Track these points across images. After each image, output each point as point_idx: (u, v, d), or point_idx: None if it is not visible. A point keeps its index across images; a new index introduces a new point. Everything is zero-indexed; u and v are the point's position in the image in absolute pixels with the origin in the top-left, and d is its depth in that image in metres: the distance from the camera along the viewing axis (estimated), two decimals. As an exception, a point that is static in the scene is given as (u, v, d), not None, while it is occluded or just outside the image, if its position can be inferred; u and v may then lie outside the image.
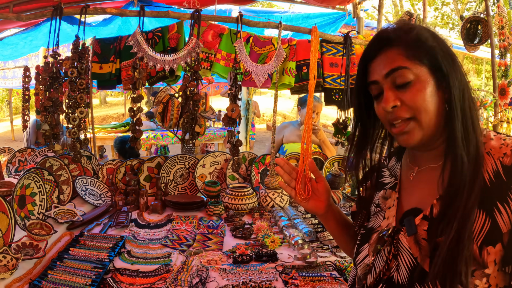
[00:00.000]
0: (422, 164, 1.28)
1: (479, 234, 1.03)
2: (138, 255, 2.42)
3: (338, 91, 3.90)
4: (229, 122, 3.38)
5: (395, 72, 1.16)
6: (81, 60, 3.26)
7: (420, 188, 1.26)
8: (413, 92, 1.15)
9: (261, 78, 3.54)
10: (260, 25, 3.70)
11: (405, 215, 1.24)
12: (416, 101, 1.14)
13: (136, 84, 3.19)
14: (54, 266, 2.16)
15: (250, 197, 3.28)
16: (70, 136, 3.20)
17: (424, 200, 1.21)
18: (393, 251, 1.22)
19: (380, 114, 1.25)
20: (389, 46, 1.19)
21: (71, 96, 3.23)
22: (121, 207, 3.23)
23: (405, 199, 1.30)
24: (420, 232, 1.15)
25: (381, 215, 1.36)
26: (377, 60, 1.22)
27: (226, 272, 2.23)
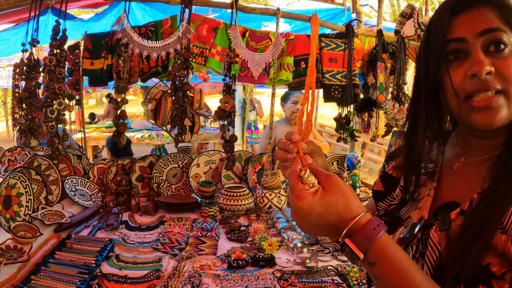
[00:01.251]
0: (472, 154, 1.12)
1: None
2: (127, 259, 2.31)
3: (338, 87, 3.78)
4: (223, 116, 3.22)
5: (492, 32, 0.97)
6: (61, 47, 3.10)
7: (464, 181, 1.10)
8: (510, 61, 0.97)
9: (257, 68, 3.38)
10: (257, 11, 3.55)
11: (440, 208, 1.09)
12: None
13: (121, 73, 3.03)
14: (38, 271, 2.07)
15: (246, 197, 3.15)
16: (47, 130, 3.04)
17: (465, 194, 1.05)
18: (420, 249, 1.07)
19: (458, 83, 1.02)
20: (484, 3, 1.00)
21: (49, 86, 3.06)
22: (111, 208, 3.12)
23: (444, 191, 1.14)
24: (453, 227, 1.00)
25: (413, 204, 1.19)
26: (468, 15, 1.01)
27: (220, 278, 2.11)
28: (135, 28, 3.35)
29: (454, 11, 1.03)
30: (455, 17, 1.03)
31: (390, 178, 1.35)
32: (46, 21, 4.66)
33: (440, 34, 1.04)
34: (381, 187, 1.36)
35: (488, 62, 0.96)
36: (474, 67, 0.97)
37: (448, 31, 1.03)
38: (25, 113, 3.07)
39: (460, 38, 1.01)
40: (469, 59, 1.00)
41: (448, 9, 1.04)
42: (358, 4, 4.87)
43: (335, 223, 0.91)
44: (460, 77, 1.01)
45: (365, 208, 0.92)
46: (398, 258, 0.87)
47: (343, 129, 3.74)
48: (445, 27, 1.03)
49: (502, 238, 0.89)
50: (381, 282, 0.89)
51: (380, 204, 1.34)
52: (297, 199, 0.91)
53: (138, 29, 3.40)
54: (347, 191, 0.91)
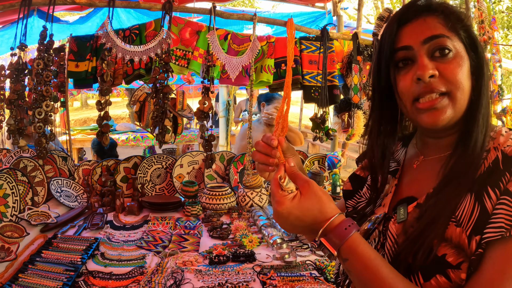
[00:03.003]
0: (429, 154, 1.20)
1: (468, 222, 0.97)
2: (112, 257, 2.36)
3: (318, 89, 3.86)
4: (202, 116, 3.30)
5: (436, 39, 1.05)
6: (48, 51, 3.15)
7: (422, 177, 1.19)
8: (454, 65, 1.05)
9: (235, 71, 3.46)
10: (234, 17, 3.63)
11: (400, 203, 1.18)
12: (456, 75, 1.04)
13: (104, 76, 3.09)
14: (25, 269, 2.10)
15: (228, 196, 3.22)
16: (35, 130, 3.09)
17: (422, 189, 1.14)
18: (382, 240, 1.15)
19: (405, 88, 1.10)
20: (429, 12, 1.08)
21: (37, 88, 3.12)
22: (97, 209, 3.16)
23: (404, 187, 1.23)
24: (410, 220, 1.08)
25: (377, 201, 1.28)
26: (414, 24, 1.09)
27: (202, 273, 2.18)
28: (119, 31, 3.41)
29: (401, 22, 1.11)
30: (403, 27, 1.11)
31: (358, 178, 1.43)
32: (31, 23, 4.67)
33: (389, 44, 1.13)
34: (350, 186, 1.45)
35: (432, 66, 1.04)
36: (418, 71, 1.05)
37: (396, 40, 1.11)
38: (14, 114, 3.12)
39: (406, 46, 1.09)
40: (416, 65, 1.07)
41: (396, 21, 1.12)
42: (338, 8, 4.96)
43: (312, 224, 1.01)
44: (408, 82, 1.09)
45: (339, 211, 1.02)
46: (366, 254, 0.97)
47: (319, 129, 3.82)
48: (393, 37, 1.12)
49: (457, 231, 0.97)
50: (353, 275, 1.00)
51: (349, 202, 1.42)
52: (277, 204, 1.02)
53: (122, 32, 3.44)
54: (322, 196, 1.02)
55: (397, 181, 1.25)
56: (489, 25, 4.13)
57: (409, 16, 1.10)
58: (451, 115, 1.06)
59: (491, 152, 1.04)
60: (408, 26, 1.10)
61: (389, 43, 1.13)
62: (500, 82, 4.36)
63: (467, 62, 1.06)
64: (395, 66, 1.14)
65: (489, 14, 4.19)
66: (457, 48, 1.06)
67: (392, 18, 1.15)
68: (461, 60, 1.05)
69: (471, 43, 1.08)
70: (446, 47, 1.05)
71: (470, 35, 1.08)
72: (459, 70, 1.04)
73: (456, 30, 1.07)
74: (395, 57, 1.12)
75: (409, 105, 1.11)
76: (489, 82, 1.09)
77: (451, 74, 1.04)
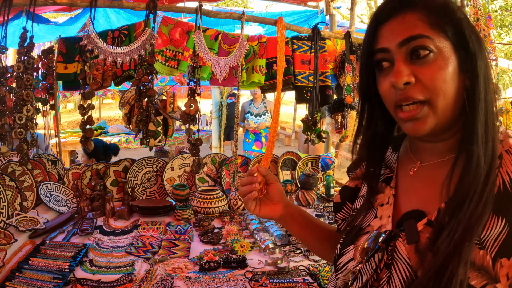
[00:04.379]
0: (426, 158, 1.10)
1: (493, 244, 0.88)
2: (101, 264, 2.31)
3: (310, 89, 3.82)
4: (188, 119, 3.23)
5: (413, 40, 0.95)
6: (28, 54, 3.09)
7: (423, 186, 1.07)
8: (433, 68, 0.94)
9: (221, 72, 3.39)
10: (222, 15, 3.58)
11: (404, 217, 1.06)
12: (435, 80, 0.94)
13: (87, 78, 3.03)
14: (12, 277, 2.06)
15: (219, 200, 3.17)
16: (16, 136, 3.03)
17: (427, 201, 1.03)
18: (385, 259, 1.02)
19: (385, 92, 1.03)
20: (409, 8, 0.97)
21: (17, 93, 3.05)
22: (86, 214, 3.11)
23: (403, 198, 1.11)
24: (422, 240, 0.96)
25: (372, 212, 1.17)
26: (392, 23, 0.99)
27: (192, 280, 2.13)
28: (108, 32, 3.36)
29: (380, 20, 1.02)
30: (381, 26, 1.02)
31: (346, 189, 1.35)
32: (20, 24, 4.62)
33: (367, 45, 1.05)
34: (339, 198, 1.37)
35: (407, 72, 0.96)
36: (392, 78, 0.97)
37: (374, 41, 1.03)
38: (-5, 120, 3.05)
39: (383, 48, 1.01)
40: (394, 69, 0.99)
41: (374, 19, 1.04)
42: (331, 7, 4.92)
43: None
44: (386, 86, 1.02)
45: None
46: None
47: (310, 131, 3.77)
48: (371, 37, 1.04)
49: (480, 253, 0.89)
50: None
51: (338, 215, 1.36)
52: None
53: (111, 33, 3.41)
54: None
55: (394, 191, 1.14)
56: (484, 23, 4.10)
57: (387, 14, 1.01)
58: (433, 123, 0.98)
59: (505, 158, 0.95)
60: (386, 25, 1.01)
61: (368, 44, 1.05)
62: (496, 81, 4.34)
63: (453, 62, 0.95)
64: (377, 67, 1.06)
65: (485, 12, 4.16)
66: (440, 47, 0.95)
67: (372, 16, 1.05)
68: (444, 61, 0.95)
69: (460, 40, 0.96)
70: (425, 47, 0.95)
71: (460, 30, 0.96)
72: (440, 75, 0.94)
73: (440, 27, 0.95)
74: (375, 58, 1.04)
75: (392, 111, 1.04)
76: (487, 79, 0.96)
77: (429, 80, 0.95)
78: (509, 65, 11.25)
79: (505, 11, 17.82)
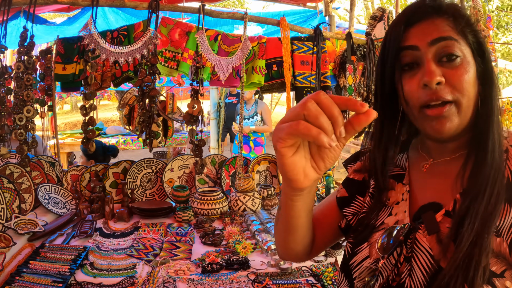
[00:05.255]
0: (438, 156, 1.15)
1: (509, 231, 0.94)
2: (101, 267, 2.29)
3: (310, 90, 3.81)
4: (191, 120, 3.22)
5: (444, 41, 1.01)
6: (29, 53, 3.07)
7: (436, 181, 1.12)
8: (461, 71, 1.00)
9: (225, 72, 3.39)
10: (224, 15, 3.57)
11: (421, 210, 1.09)
12: (462, 82, 1.00)
13: (89, 79, 3.01)
14: (12, 281, 2.02)
15: (220, 201, 3.15)
16: (16, 138, 3.00)
17: (442, 194, 1.07)
18: (405, 253, 1.05)
19: (411, 93, 1.06)
20: (438, 14, 1.04)
21: (17, 93, 3.02)
22: (85, 216, 3.09)
23: (418, 193, 1.15)
24: (443, 230, 1.00)
25: (385, 210, 1.19)
26: (422, 25, 1.05)
27: (195, 282, 2.11)
28: (107, 32, 3.34)
29: (409, 23, 1.07)
30: (410, 28, 1.06)
31: (353, 182, 1.34)
32: (18, 24, 4.60)
33: (395, 43, 1.08)
34: (345, 192, 1.35)
35: (439, 72, 1.00)
36: (425, 77, 1.00)
37: (402, 40, 1.07)
38: (-6, 121, 3.03)
39: (412, 46, 1.04)
40: (422, 69, 1.03)
41: (403, 21, 1.08)
42: (330, 7, 4.92)
43: None
44: (414, 87, 1.05)
45: None
46: None
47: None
48: (400, 37, 1.07)
49: (497, 240, 0.94)
50: None
51: (347, 210, 1.31)
52: None
53: (110, 33, 3.39)
54: None
55: (408, 187, 1.17)
56: (484, 24, 4.13)
57: (418, 17, 1.06)
58: (458, 122, 1.03)
59: (510, 151, 1.02)
60: (415, 27, 1.06)
61: (395, 43, 1.08)
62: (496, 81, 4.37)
63: (473, 67, 1.02)
64: (401, 69, 1.09)
65: (485, 13, 4.19)
66: (464, 53, 1.02)
67: (399, 18, 1.10)
68: (468, 66, 1.02)
69: (478, 48, 1.04)
70: (453, 53, 1.01)
71: (478, 40, 1.05)
72: (466, 77, 1.01)
73: (464, 34, 1.03)
74: (400, 57, 1.08)
75: (416, 111, 1.07)
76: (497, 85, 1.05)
77: (458, 81, 1.01)
78: (506, 65, 11.31)
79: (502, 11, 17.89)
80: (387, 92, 1.14)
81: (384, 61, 1.12)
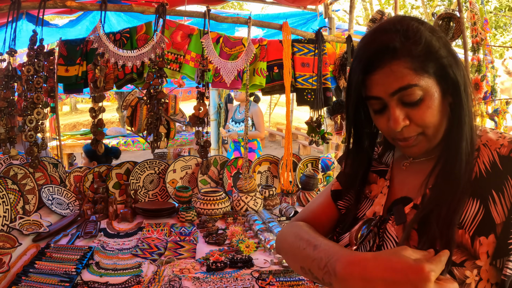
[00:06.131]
0: (418, 156, 1.22)
1: (471, 224, 1.01)
2: (107, 266, 2.32)
3: (310, 91, 3.85)
4: (197, 122, 3.26)
5: (404, 90, 1.05)
6: (39, 57, 3.10)
7: (413, 178, 1.21)
8: (423, 109, 1.06)
9: (230, 75, 3.44)
10: (229, 20, 3.62)
11: (394, 203, 1.20)
12: (425, 118, 1.07)
13: (97, 82, 3.05)
14: (19, 281, 2.05)
15: (222, 201, 3.19)
16: (26, 139, 3.03)
17: (415, 190, 1.17)
18: (377, 242, 1.16)
19: (382, 128, 1.16)
20: (394, 58, 1.04)
21: (27, 96, 3.06)
22: (89, 216, 3.11)
23: (397, 188, 1.25)
24: (410, 222, 1.10)
25: (367, 202, 1.30)
26: (380, 73, 1.06)
27: (200, 280, 2.14)
28: (109, 35, 3.37)
29: (367, 71, 1.09)
30: (370, 75, 1.09)
31: (346, 175, 1.40)
32: (20, 26, 4.61)
33: (357, 91, 1.15)
34: (339, 186, 1.42)
35: (402, 117, 1.08)
36: (391, 124, 1.09)
37: (364, 89, 1.13)
38: (4, 123, 3.05)
39: (376, 97, 1.10)
40: (388, 111, 1.10)
41: (361, 71, 1.10)
42: (330, 10, 4.96)
43: None
44: (383, 124, 1.14)
45: None
46: None
47: (315, 132, 3.82)
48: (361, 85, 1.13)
49: (459, 232, 1.02)
50: None
51: (340, 203, 1.39)
52: None
53: (113, 36, 3.42)
54: None
55: (388, 183, 1.27)
56: (481, 27, 4.17)
57: (375, 66, 1.07)
58: (426, 146, 1.13)
59: (482, 150, 1.09)
60: (374, 75, 1.08)
61: (358, 90, 1.14)
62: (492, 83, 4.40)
63: (438, 95, 1.07)
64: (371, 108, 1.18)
65: (482, 16, 4.23)
66: (426, 88, 1.05)
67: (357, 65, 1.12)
68: (431, 99, 1.06)
69: (442, 74, 1.06)
70: (414, 100, 1.06)
71: (440, 64, 1.06)
72: (429, 112, 1.06)
73: (424, 70, 1.04)
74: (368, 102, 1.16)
75: (390, 140, 1.19)
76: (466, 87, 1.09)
77: (421, 120, 1.07)
78: (504, 66, 11.32)
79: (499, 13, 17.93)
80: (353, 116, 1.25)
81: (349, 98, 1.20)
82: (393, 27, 1.06)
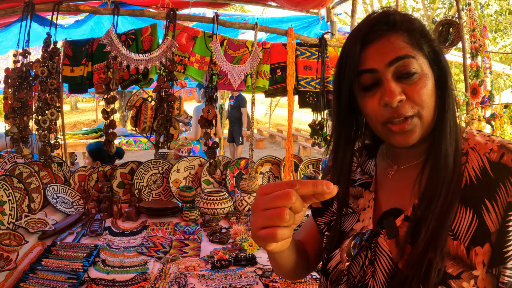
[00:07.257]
0: (402, 163, 1.18)
1: (466, 234, 0.98)
2: (114, 264, 2.36)
3: (313, 94, 3.90)
4: (205, 124, 3.33)
5: (401, 60, 1.02)
6: (52, 59, 3.15)
7: (400, 188, 1.16)
8: (420, 85, 1.03)
9: (237, 79, 3.50)
10: (236, 26, 3.67)
11: (384, 216, 1.14)
12: (422, 96, 1.03)
13: (110, 84, 3.11)
14: (26, 278, 2.08)
15: (225, 201, 3.24)
16: (40, 139, 3.08)
17: (404, 200, 1.12)
18: (369, 257, 1.11)
19: (373, 111, 1.08)
20: (393, 31, 1.05)
21: (41, 97, 3.11)
22: (94, 215, 3.15)
23: (383, 200, 1.19)
24: (402, 235, 1.05)
25: (353, 217, 1.24)
26: (377, 45, 1.05)
27: (205, 278, 2.19)
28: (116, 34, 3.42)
29: (364, 42, 1.07)
30: (366, 47, 1.07)
31: None
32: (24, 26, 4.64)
33: (352, 65, 1.08)
34: (319, 204, 1.33)
35: (399, 90, 1.03)
36: (386, 97, 1.03)
37: (359, 62, 1.07)
38: (17, 123, 3.10)
39: (371, 69, 1.06)
40: (382, 88, 1.05)
41: (359, 41, 1.07)
42: (332, 14, 5.00)
43: None
44: (375, 105, 1.07)
45: None
46: None
47: (317, 135, 3.87)
48: (356, 58, 1.08)
49: (454, 243, 0.99)
50: None
51: (320, 220, 1.38)
52: None
53: (118, 37, 3.44)
54: None
55: (374, 195, 1.22)
56: (480, 33, 4.22)
57: (373, 36, 1.06)
58: (421, 132, 1.06)
59: (470, 154, 1.06)
60: (371, 46, 1.06)
61: (353, 65, 1.08)
62: (490, 88, 4.46)
63: (431, 79, 1.06)
64: (360, 88, 1.11)
65: (480, 23, 4.28)
66: (422, 66, 1.05)
67: (353, 36, 1.10)
68: (426, 78, 1.04)
69: (435, 57, 1.07)
70: (411, 71, 1.03)
71: (433, 49, 1.07)
72: (425, 91, 1.04)
73: (420, 46, 1.05)
74: (359, 79, 1.09)
75: (379, 127, 1.10)
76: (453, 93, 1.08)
77: (417, 96, 1.03)
78: (503, 69, 11.42)
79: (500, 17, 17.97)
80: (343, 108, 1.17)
81: (341, 80, 1.13)
82: (392, 10, 1.09)
